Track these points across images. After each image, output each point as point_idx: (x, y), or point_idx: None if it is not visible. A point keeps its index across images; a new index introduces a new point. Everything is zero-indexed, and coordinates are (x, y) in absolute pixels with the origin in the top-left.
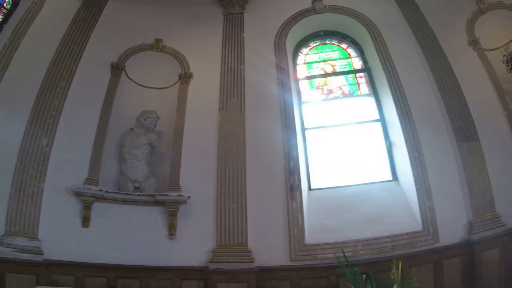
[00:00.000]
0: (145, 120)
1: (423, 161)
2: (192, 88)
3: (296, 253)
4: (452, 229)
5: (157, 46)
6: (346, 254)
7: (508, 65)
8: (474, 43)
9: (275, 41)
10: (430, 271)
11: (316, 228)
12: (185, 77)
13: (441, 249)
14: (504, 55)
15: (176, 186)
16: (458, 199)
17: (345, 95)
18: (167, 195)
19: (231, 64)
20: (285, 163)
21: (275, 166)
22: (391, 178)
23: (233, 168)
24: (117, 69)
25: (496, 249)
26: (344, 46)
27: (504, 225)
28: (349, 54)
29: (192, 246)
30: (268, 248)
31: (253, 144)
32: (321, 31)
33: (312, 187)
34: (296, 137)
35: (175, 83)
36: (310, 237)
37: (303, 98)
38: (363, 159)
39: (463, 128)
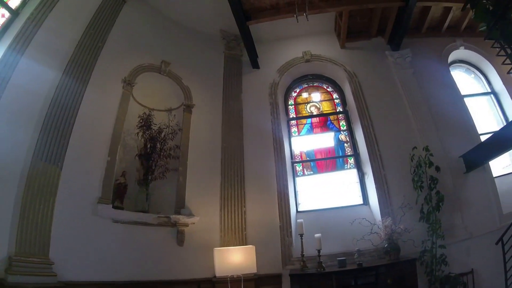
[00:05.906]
0: None
1: None
2: None
3: None
4: None
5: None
6: None
7: (139, 122)
8: (128, 84)
9: None
10: None
11: None
12: None
13: None
14: (144, 113)
15: None
16: (4, 222)
17: None
18: None
19: None
20: None
21: None
22: None
23: None
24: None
25: None
26: None
27: (55, 275)
28: None
29: None
30: None
31: None
32: None
33: None
34: None
35: None
36: None
37: None
38: None
39: (49, 148)
